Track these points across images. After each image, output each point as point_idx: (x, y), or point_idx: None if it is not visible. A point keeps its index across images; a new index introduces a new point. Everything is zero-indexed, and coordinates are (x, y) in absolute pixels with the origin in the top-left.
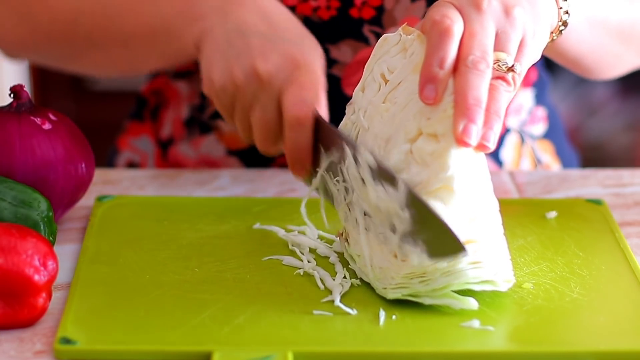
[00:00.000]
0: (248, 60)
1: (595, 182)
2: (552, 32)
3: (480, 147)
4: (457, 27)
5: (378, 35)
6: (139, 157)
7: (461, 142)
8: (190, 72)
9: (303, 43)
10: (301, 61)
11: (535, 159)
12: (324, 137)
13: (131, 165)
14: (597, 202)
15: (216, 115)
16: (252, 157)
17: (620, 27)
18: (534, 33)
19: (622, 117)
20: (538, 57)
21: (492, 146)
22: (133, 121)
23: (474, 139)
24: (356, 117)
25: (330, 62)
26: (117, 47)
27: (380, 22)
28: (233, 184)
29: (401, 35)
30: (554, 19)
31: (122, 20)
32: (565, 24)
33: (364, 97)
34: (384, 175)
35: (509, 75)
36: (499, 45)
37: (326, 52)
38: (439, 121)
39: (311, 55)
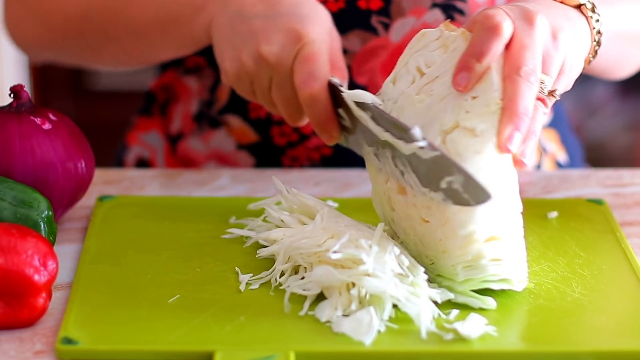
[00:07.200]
0: (253, 45)
1: (596, 182)
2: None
3: (518, 162)
4: (506, 26)
5: (385, 25)
6: (148, 152)
7: (503, 147)
8: (200, 67)
9: (302, 10)
10: (302, 33)
11: (540, 147)
12: (342, 102)
13: (141, 160)
14: (598, 202)
15: (224, 110)
16: (262, 151)
17: (638, 33)
18: (572, 63)
19: (622, 117)
20: (570, 87)
21: (528, 163)
22: (141, 116)
23: (516, 146)
24: (384, 107)
25: None
26: (131, 39)
27: (388, 12)
28: (233, 184)
29: (442, 32)
30: (588, 50)
31: (131, 12)
32: (595, 54)
33: (395, 88)
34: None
35: (548, 99)
36: (542, 66)
37: None
38: (480, 116)
39: (312, 21)
